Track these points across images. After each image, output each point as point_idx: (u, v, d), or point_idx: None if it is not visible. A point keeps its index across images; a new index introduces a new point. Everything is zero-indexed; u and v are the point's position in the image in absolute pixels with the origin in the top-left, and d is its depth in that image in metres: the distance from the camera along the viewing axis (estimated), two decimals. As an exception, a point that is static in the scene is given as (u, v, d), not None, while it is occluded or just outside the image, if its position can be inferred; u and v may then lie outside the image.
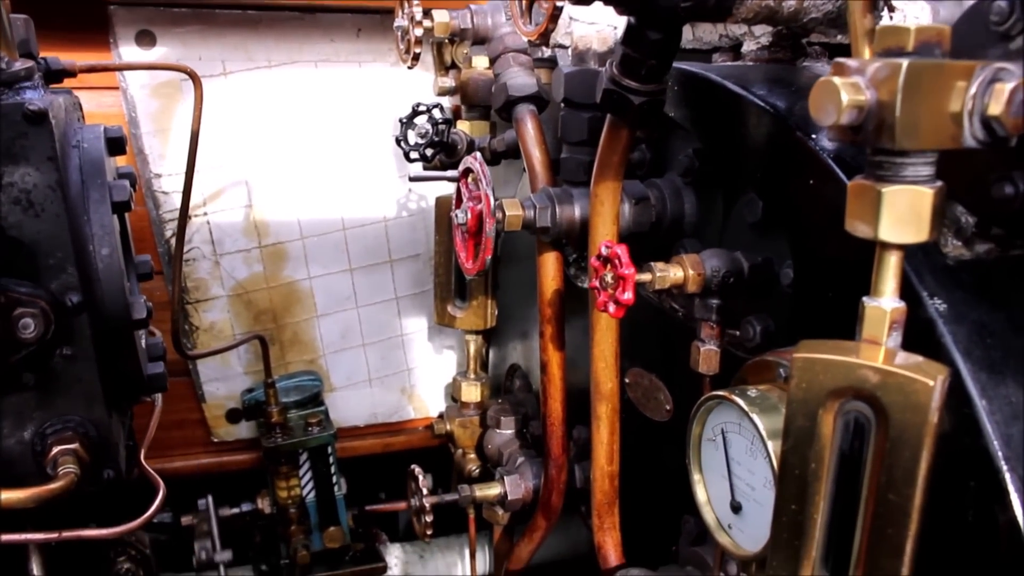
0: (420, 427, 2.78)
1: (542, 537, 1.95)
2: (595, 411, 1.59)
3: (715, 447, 1.31)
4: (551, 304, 1.72)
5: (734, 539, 1.29)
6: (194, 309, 2.45)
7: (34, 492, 1.04)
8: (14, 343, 1.07)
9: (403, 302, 2.62)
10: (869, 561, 0.94)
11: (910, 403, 0.87)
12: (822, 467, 0.96)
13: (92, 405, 1.17)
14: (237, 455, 2.64)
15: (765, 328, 1.36)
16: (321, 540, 2.46)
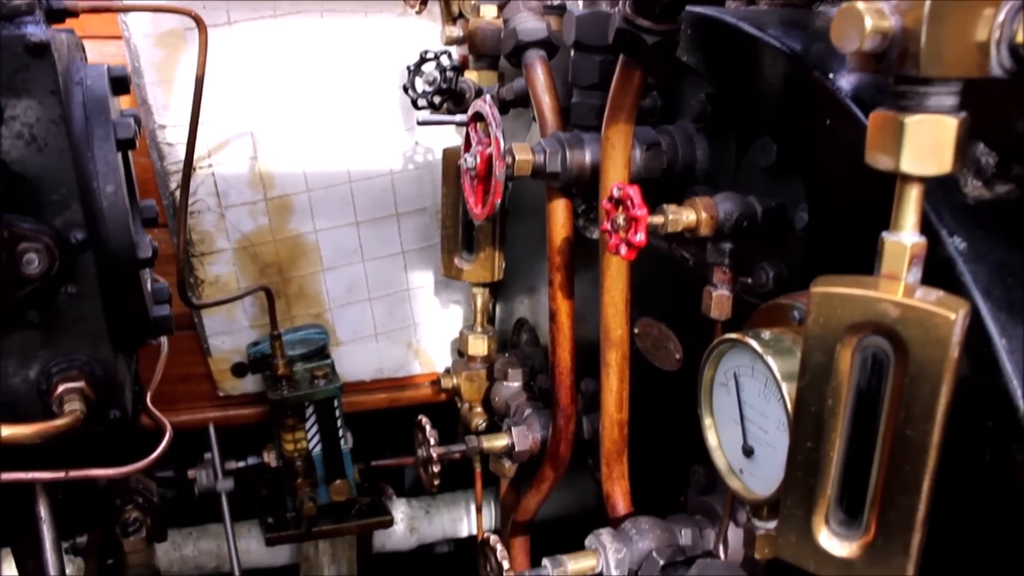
0: (426, 382, 2.77)
1: (549, 488, 1.94)
2: (605, 358, 1.57)
3: (727, 392, 1.29)
4: (560, 252, 1.70)
5: (745, 483, 1.28)
6: (199, 262, 2.44)
7: (39, 428, 1.03)
8: (18, 279, 1.06)
9: (410, 256, 2.60)
10: (885, 499, 0.93)
11: (930, 337, 0.86)
12: (839, 404, 0.94)
13: (98, 344, 1.16)
14: (243, 409, 2.63)
15: (778, 274, 1.34)
16: (327, 493, 2.46)
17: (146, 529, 1.66)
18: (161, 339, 1.46)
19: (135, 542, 1.64)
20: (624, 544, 1.51)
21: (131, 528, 1.64)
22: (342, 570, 2.70)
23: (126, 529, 1.65)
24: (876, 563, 0.95)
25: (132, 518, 1.65)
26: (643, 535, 1.51)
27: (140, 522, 1.66)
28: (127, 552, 1.65)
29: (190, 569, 2.69)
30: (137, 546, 1.64)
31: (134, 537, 1.64)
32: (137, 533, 1.65)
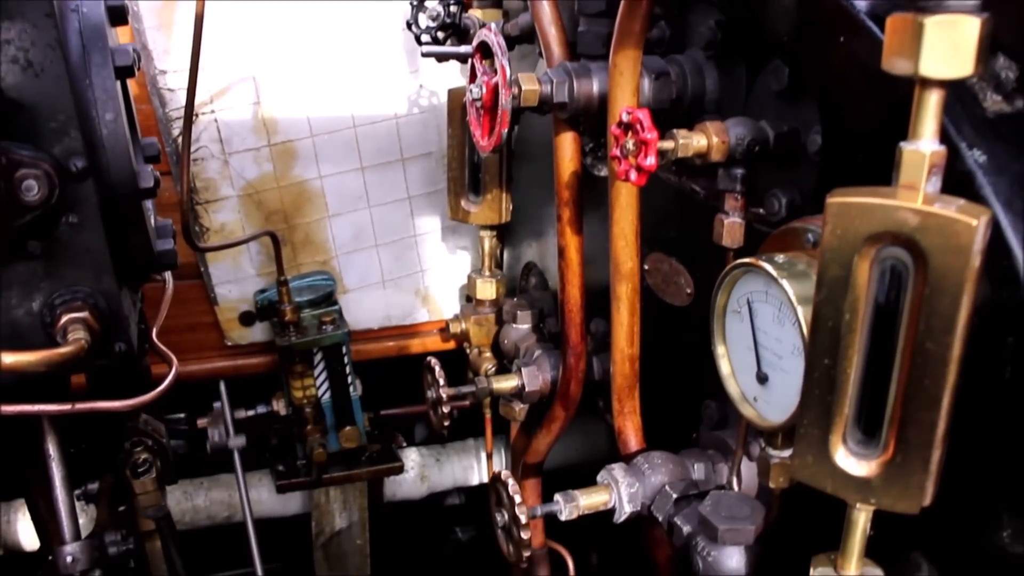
0: (434, 330, 2.76)
1: (560, 428, 1.93)
2: (615, 292, 1.55)
3: (740, 319, 1.27)
4: (568, 187, 1.68)
5: (759, 411, 1.27)
6: (204, 210, 2.42)
7: (44, 355, 1.02)
8: (18, 206, 1.04)
9: (416, 202, 2.58)
10: (904, 416, 0.91)
11: (951, 246, 0.83)
12: (856, 318, 0.92)
13: (101, 276, 1.14)
14: (251, 358, 2.62)
15: (791, 200, 1.32)
16: (337, 441, 2.45)
17: (156, 470, 1.66)
18: (166, 276, 1.44)
19: (145, 483, 1.64)
20: (636, 479, 1.50)
21: (141, 469, 1.64)
22: (353, 518, 2.70)
23: (136, 470, 1.64)
24: (894, 481, 0.94)
25: (142, 459, 1.64)
26: (655, 470, 1.50)
27: (150, 463, 1.65)
28: (137, 494, 1.65)
29: (202, 519, 2.69)
30: (147, 487, 1.64)
31: (144, 478, 1.64)
32: (147, 474, 1.64)
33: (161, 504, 1.69)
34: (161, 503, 1.69)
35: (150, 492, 1.64)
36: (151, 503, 1.66)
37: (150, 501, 1.66)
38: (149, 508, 1.68)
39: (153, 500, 1.66)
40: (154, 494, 1.65)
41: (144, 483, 1.63)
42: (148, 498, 1.65)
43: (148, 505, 1.67)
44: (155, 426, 1.71)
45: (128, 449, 1.66)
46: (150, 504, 1.67)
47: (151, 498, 1.65)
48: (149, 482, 1.64)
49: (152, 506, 1.67)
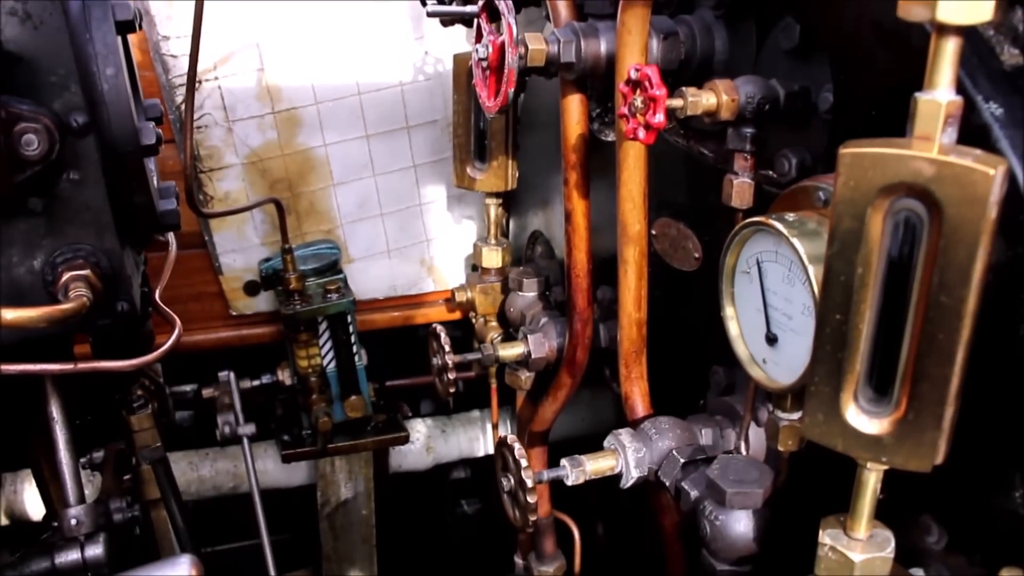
0: (440, 300, 2.75)
1: (566, 396, 1.92)
2: (622, 255, 1.54)
3: (749, 280, 1.26)
4: (575, 150, 1.66)
5: (768, 373, 1.26)
6: (208, 178, 2.40)
7: (45, 311, 1.00)
8: (18, 161, 1.03)
9: (421, 170, 2.56)
10: (917, 372, 0.90)
11: (967, 196, 0.82)
12: (869, 272, 0.91)
13: (103, 234, 1.13)
14: (256, 328, 2.61)
15: (801, 161, 1.30)
16: (343, 411, 2.44)
17: (152, 408, 1.64)
18: (169, 238, 1.43)
19: (141, 419, 1.61)
20: (643, 443, 1.48)
21: (136, 404, 1.62)
22: (359, 488, 2.70)
23: (131, 406, 1.62)
24: (906, 439, 0.92)
25: (137, 395, 1.62)
26: (663, 434, 1.49)
27: (145, 399, 1.63)
28: (134, 431, 1.62)
29: (207, 489, 2.69)
30: (143, 423, 1.61)
31: (140, 414, 1.61)
32: (143, 409, 1.62)
33: (157, 444, 1.67)
34: (157, 443, 1.67)
35: (147, 430, 1.62)
36: (147, 442, 1.64)
37: (146, 440, 1.64)
38: (145, 448, 1.66)
39: (150, 439, 1.64)
40: (151, 432, 1.63)
41: (140, 419, 1.61)
42: (144, 436, 1.63)
43: (144, 445, 1.65)
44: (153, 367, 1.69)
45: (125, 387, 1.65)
46: (146, 444, 1.65)
47: (147, 436, 1.63)
48: (145, 418, 1.62)
49: (148, 446, 1.65)
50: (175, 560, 0.82)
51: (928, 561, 1.19)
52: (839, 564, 1.07)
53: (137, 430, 1.62)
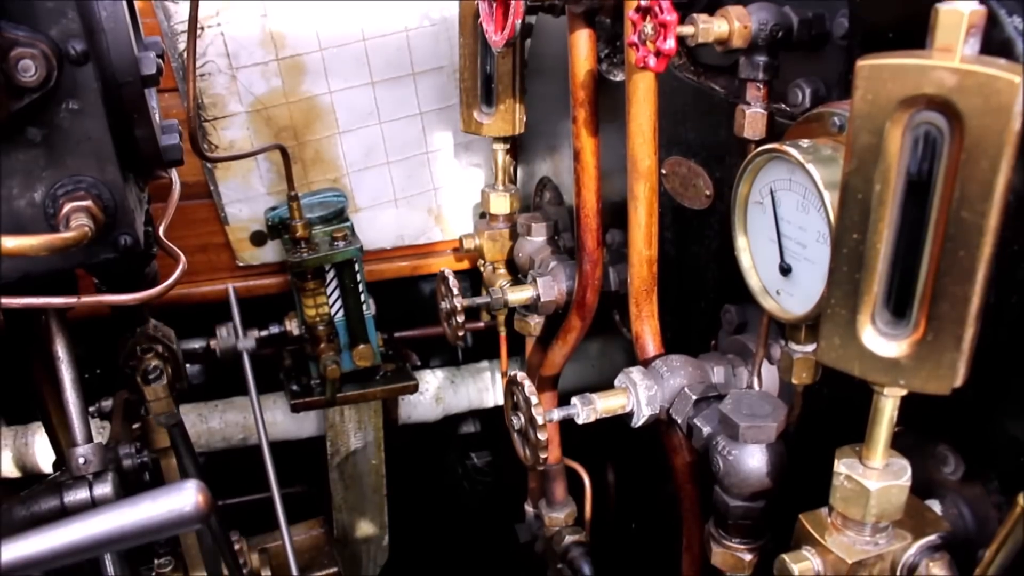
0: (448, 250, 2.73)
1: (576, 339, 1.90)
2: (632, 191, 1.51)
3: (762, 211, 1.24)
4: (584, 86, 1.63)
5: (781, 304, 1.24)
6: (212, 127, 2.38)
7: (46, 239, 0.98)
8: (14, 88, 1.00)
9: (427, 117, 2.53)
10: (936, 291, 0.88)
11: (990, 105, 0.79)
12: (887, 189, 0.88)
13: (104, 165, 1.10)
14: (263, 279, 2.60)
15: (815, 90, 1.28)
16: (351, 360, 2.43)
17: (167, 377, 1.63)
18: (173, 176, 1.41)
19: (156, 390, 1.61)
20: (655, 381, 1.47)
21: (152, 376, 1.62)
22: (368, 438, 2.70)
23: (147, 377, 1.62)
24: (925, 361, 0.91)
25: (152, 366, 1.62)
26: (674, 372, 1.47)
27: (160, 369, 1.63)
28: (149, 400, 1.63)
29: (217, 441, 2.70)
30: (159, 394, 1.62)
31: (155, 385, 1.61)
32: (158, 380, 1.62)
33: (173, 411, 1.67)
34: (173, 410, 1.67)
35: (162, 399, 1.62)
36: (163, 410, 1.65)
37: (162, 408, 1.64)
38: (161, 415, 1.66)
39: (165, 407, 1.64)
40: (166, 400, 1.63)
41: (156, 390, 1.61)
42: (160, 405, 1.63)
43: (160, 412, 1.65)
44: (165, 332, 1.69)
45: (139, 356, 1.64)
46: (162, 411, 1.65)
47: (163, 405, 1.63)
48: (160, 389, 1.62)
49: (164, 413, 1.65)
50: (181, 484, 0.81)
51: (944, 493, 1.18)
52: (855, 493, 1.06)
53: (152, 400, 1.62)
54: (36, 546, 0.79)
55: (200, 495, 0.80)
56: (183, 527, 0.80)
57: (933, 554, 1.10)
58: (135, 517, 0.80)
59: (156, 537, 0.81)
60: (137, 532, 0.80)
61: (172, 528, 0.80)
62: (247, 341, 1.92)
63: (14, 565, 0.78)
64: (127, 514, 0.80)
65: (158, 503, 0.80)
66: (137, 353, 1.62)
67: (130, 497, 0.81)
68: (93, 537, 0.80)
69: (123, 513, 0.80)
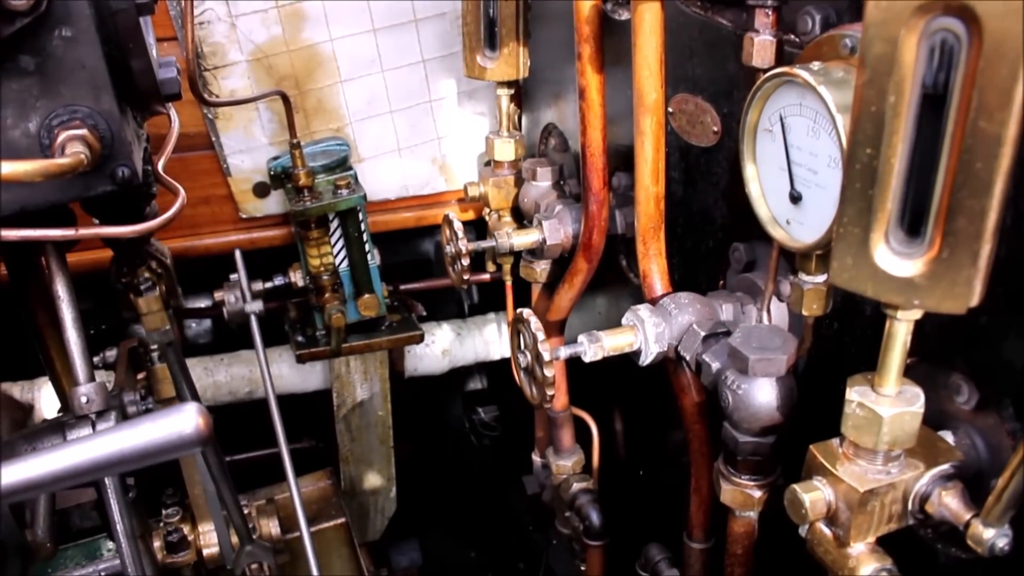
0: (452, 200, 2.71)
1: (583, 282, 1.88)
2: (639, 127, 1.48)
3: (772, 139, 1.21)
4: (588, 21, 1.59)
5: (791, 233, 1.22)
6: (213, 76, 2.35)
7: (41, 164, 0.96)
8: (5, 12, 0.98)
9: (431, 65, 2.49)
10: (952, 205, 0.85)
11: (1010, 7, 0.76)
12: (902, 101, 0.86)
13: (100, 95, 1.08)
14: (266, 231, 2.59)
15: (825, 17, 1.25)
16: (356, 310, 2.42)
17: (160, 290, 1.60)
18: (171, 115, 1.38)
19: (149, 301, 1.56)
20: (663, 318, 1.45)
21: (144, 287, 1.58)
22: (375, 389, 2.69)
23: (138, 289, 1.58)
24: (940, 279, 0.88)
25: (144, 277, 1.58)
26: (682, 309, 1.45)
27: (153, 281, 1.59)
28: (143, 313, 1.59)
29: (223, 395, 2.69)
30: (152, 306, 1.57)
31: (148, 296, 1.57)
32: (151, 291, 1.58)
33: (167, 327, 1.64)
34: (167, 325, 1.63)
35: (155, 312, 1.58)
36: (157, 325, 1.61)
37: (155, 323, 1.60)
38: (155, 332, 1.62)
39: (159, 321, 1.60)
40: (159, 315, 1.59)
41: (148, 301, 1.57)
42: (153, 319, 1.59)
43: (153, 328, 1.61)
44: (158, 247, 1.65)
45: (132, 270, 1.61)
46: (155, 327, 1.61)
47: (156, 319, 1.60)
48: (153, 300, 1.57)
49: (158, 329, 1.62)
50: (181, 407, 0.79)
51: (957, 424, 1.16)
52: (867, 421, 1.04)
53: (146, 312, 1.59)
54: (36, 468, 0.78)
55: (200, 417, 0.79)
56: (183, 450, 0.79)
57: (946, 483, 1.09)
58: (135, 440, 0.79)
59: (156, 460, 0.79)
60: (137, 455, 0.79)
61: (172, 451, 0.79)
62: (255, 304, 1.91)
63: (14, 488, 0.77)
64: (127, 436, 0.79)
65: (158, 425, 0.79)
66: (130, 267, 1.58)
67: (130, 420, 0.79)
68: (93, 460, 0.79)
69: (123, 436, 0.79)
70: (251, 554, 1.79)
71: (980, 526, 1.03)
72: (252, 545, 1.78)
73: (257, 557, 1.79)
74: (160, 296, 1.59)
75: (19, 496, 0.78)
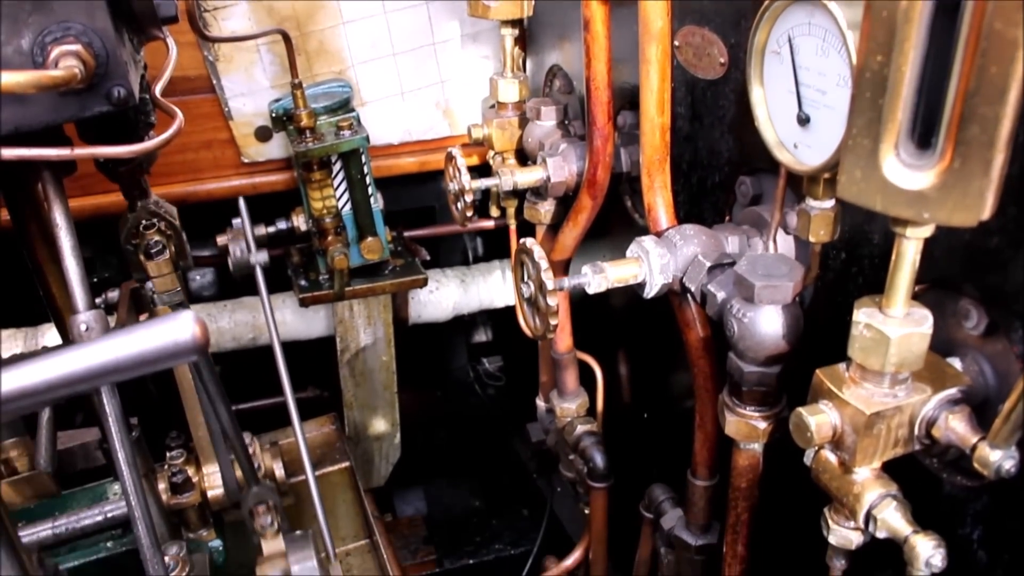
0: (456, 145, 2.67)
1: (587, 220, 1.86)
2: (644, 55, 1.46)
3: (779, 61, 1.19)
4: (593, -50, 1.56)
5: (798, 157, 1.20)
6: (212, 17, 2.32)
7: (35, 75, 0.95)
8: (-5, -78, 0.96)
9: (434, 7, 2.46)
10: (965, 113, 0.83)
11: (1030, -102, 0.74)
12: (914, 4, 0.83)
13: (93, 11, 1.06)
14: (269, 176, 2.56)
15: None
16: (360, 254, 2.40)
17: (169, 252, 1.60)
18: (169, 43, 1.36)
19: (160, 264, 1.58)
20: (668, 250, 1.43)
21: (154, 250, 1.58)
22: (378, 333, 2.68)
23: (149, 252, 1.58)
24: (952, 190, 0.86)
25: (154, 240, 1.58)
26: (688, 240, 1.44)
27: (163, 245, 1.59)
28: (152, 276, 1.59)
29: (226, 341, 2.69)
30: (162, 269, 1.58)
31: (158, 259, 1.58)
32: (160, 255, 1.58)
33: (177, 288, 1.64)
34: (177, 287, 1.64)
35: (165, 275, 1.59)
36: (167, 287, 1.61)
37: (166, 285, 1.61)
38: (165, 294, 1.63)
39: (169, 284, 1.61)
40: (170, 277, 1.60)
41: (159, 265, 1.57)
42: (164, 282, 1.60)
43: (164, 290, 1.62)
44: (167, 208, 1.65)
45: (140, 232, 1.60)
46: (165, 289, 1.62)
47: (166, 281, 1.60)
48: (164, 263, 1.58)
49: (168, 291, 1.62)
50: (176, 314, 0.78)
51: (965, 351, 1.15)
52: (874, 342, 1.03)
53: (156, 275, 1.58)
54: (31, 375, 0.77)
55: (197, 325, 0.78)
56: (180, 357, 0.78)
57: (952, 407, 1.08)
58: (132, 346, 0.78)
59: (153, 368, 0.78)
60: (134, 362, 0.78)
61: (169, 359, 0.78)
62: (260, 255, 1.90)
63: (11, 395, 0.76)
64: (124, 343, 0.78)
65: (154, 331, 0.78)
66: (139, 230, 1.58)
67: (125, 327, 0.78)
68: (89, 368, 0.78)
69: (120, 342, 0.78)
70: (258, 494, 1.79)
71: (987, 448, 1.02)
72: (258, 486, 1.78)
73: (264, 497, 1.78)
74: (170, 259, 1.58)
75: (15, 404, 0.77)
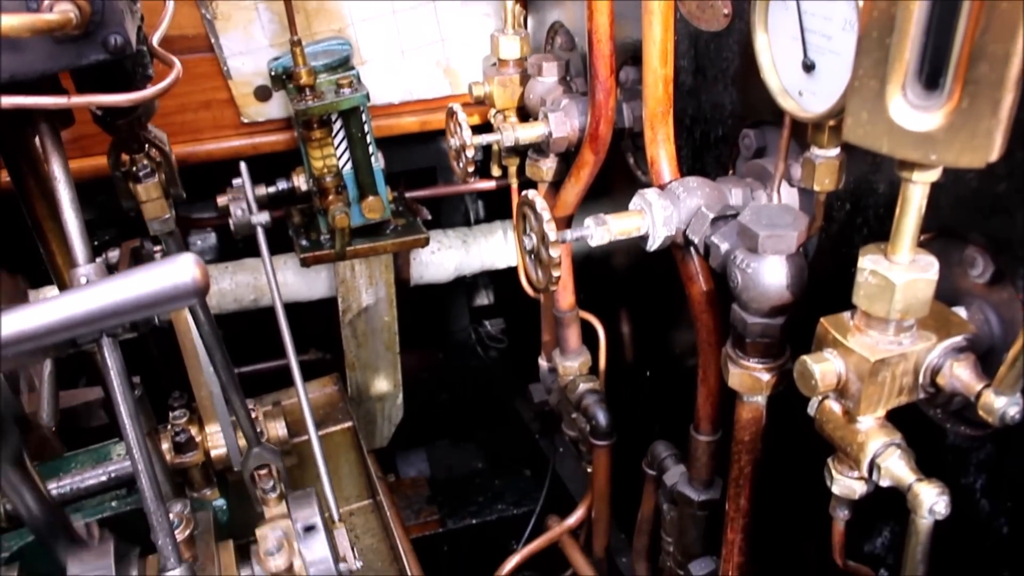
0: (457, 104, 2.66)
1: (589, 175, 1.85)
2: (647, 5, 1.44)
3: (784, 8, 1.18)
4: (596, -100, 1.54)
5: (803, 104, 1.19)
6: (210, -26, 2.30)
7: (29, 18, 0.93)
8: None
9: (434, -37, 2.44)
10: (974, 51, 0.82)
11: None
12: (924, -59, 0.82)
13: (89, -42, 1.05)
14: (269, 136, 2.55)
15: None
16: (361, 213, 2.39)
17: (159, 177, 1.57)
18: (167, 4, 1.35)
19: (149, 188, 1.53)
20: (671, 202, 1.42)
21: (143, 173, 1.54)
22: (380, 294, 2.67)
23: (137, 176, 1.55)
24: (959, 130, 0.85)
25: (143, 164, 1.54)
26: (691, 193, 1.42)
27: (152, 168, 1.55)
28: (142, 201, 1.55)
29: (228, 303, 2.68)
30: (151, 193, 1.53)
31: (147, 182, 1.53)
32: (150, 178, 1.54)
33: (167, 216, 1.60)
34: (167, 214, 1.60)
35: (155, 200, 1.54)
36: (157, 213, 1.58)
37: (155, 211, 1.57)
38: (155, 221, 1.60)
39: (159, 209, 1.57)
40: (159, 202, 1.56)
41: (148, 188, 1.53)
42: (153, 207, 1.55)
43: (154, 216, 1.58)
44: (157, 133, 1.62)
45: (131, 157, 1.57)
46: (155, 215, 1.58)
47: (156, 207, 1.56)
48: (153, 187, 1.54)
49: (158, 218, 1.59)
50: (176, 256, 0.77)
51: (970, 300, 1.14)
52: (879, 289, 1.02)
53: (145, 200, 1.56)
54: (32, 318, 0.76)
55: (198, 267, 0.77)
56: (180, 300, 0.77)
57: (957, 355, 1.07)
58: (131, 289, 0.77)
59: (153, 311, 0.77)
60: (134, 305, 0.77)
61: (170, 301, 0.77)
62: (261, 216, 1.88)
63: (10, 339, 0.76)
64: (124, 286, 0.77)
65: (155, 274, 0.77)
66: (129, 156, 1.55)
67: (126, 270, 0.78)
68: (88, 310, 0.77)
69: (120, 285, 0.77)
70: (259, 456, 1.78)
71: (992, 395, 1.02)
72: (260, 447, 1.77)
73: (265, 459, 1.78)
74: (160, 183, 1.56)
75: (16, 348, 0.76)
